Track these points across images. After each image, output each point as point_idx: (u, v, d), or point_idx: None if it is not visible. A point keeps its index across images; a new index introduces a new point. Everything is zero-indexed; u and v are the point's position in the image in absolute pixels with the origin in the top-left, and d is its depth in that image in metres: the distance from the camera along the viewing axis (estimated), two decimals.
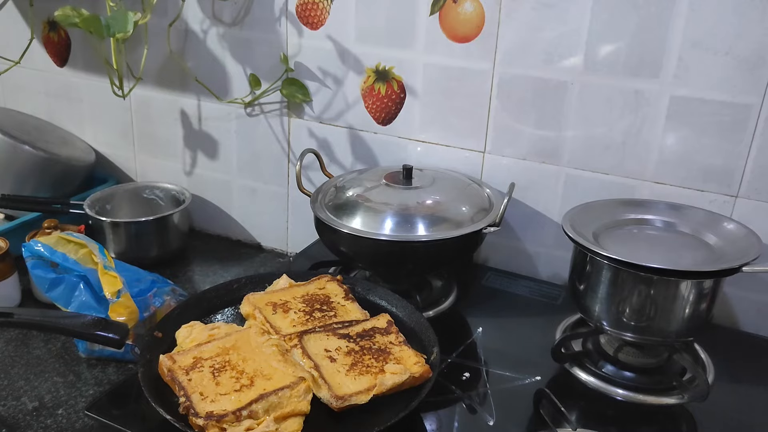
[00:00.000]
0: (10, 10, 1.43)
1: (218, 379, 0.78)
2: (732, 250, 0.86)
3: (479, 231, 0.98)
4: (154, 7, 1.15)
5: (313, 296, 0.95)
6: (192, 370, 0.79)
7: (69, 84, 1.47)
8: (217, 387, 0.76)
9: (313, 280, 0.99)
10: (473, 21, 1.06)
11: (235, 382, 0.77)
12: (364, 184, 1.07)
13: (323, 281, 0.99)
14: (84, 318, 0.84)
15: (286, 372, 0.79)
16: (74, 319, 0.85)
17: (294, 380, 0.77)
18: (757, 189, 0.97)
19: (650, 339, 0.88)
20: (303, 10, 1.17)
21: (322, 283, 0.98)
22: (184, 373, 0.79)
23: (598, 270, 0.87)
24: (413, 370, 0.79)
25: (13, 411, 0.88)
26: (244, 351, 0.82)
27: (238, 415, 0.72)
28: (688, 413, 0.86)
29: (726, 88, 0.94)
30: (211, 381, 0.77)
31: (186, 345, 0.85)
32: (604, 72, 1.00)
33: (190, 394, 0.75)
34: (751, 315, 1.04)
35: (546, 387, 0.88)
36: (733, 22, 0.91)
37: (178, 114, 1.36)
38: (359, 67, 1.17)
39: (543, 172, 1.10)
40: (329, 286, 0.98)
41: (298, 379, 0.77)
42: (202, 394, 0.75)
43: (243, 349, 0.83)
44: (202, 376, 0.78)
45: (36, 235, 1.13)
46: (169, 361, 0.80)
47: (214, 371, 0.79)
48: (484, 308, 1.09)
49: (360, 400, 0.76)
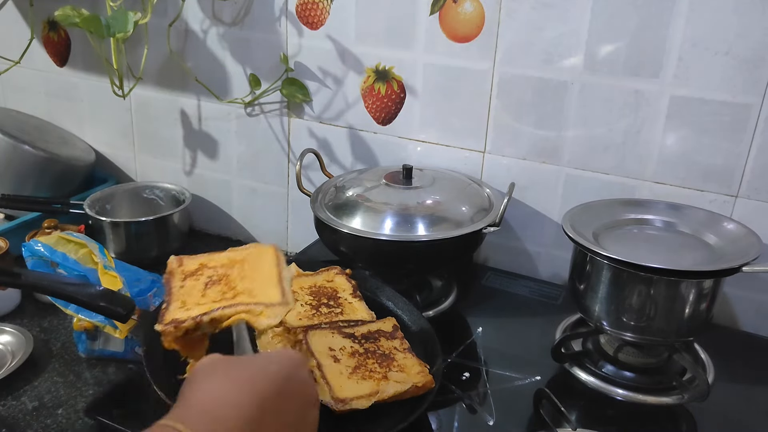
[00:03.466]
0: (10, 9, 1.43)
1: (207, 290, 0.71)
2: (732, 250, 0.86)
3: (479, 231, 0.98)
4: (154, 7, 1.14)
5: (321, 289, 0.94)
6: (190, 276, 0.74)
7: (69, 84, 1.47)
8: (200, 298, 0.70)
9: (321, 271, 0.98)
10: (473, 21, 1.06)
11: (220, 296, 0.69)
12: (364, 184, 1.07)
13: (332, 273, 0.98)
14: (91, 288, 0.81)
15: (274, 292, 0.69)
16: (81, 287, 0.82)
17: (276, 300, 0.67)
18: (757, 189, 0.97)
19: (650, 339, 0.88)
20: (303, 10, 1.17)
21: (331, 275, 0.98)
22: (181, 279, 0.74)
23: (598, 270, 0.87)
24: (416, 380, 0.78)
25: (13, 411, 0.88)
26: (250, 267, 0.74)
27: (199, 320, 0.65)
28: (688, 413, 0.86)
29: (726, 88, 0.94)
30: (199, 291, 0.71)
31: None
32: (604, 72, 1.00)
33: (171, 301, 0.70)
34: (751, 315, 1.04)
35: (546, 387, 0.88)
36: (733, 22, 0.91)
37: (178, 114, 1.36)
38: (359, 67, 1.17)
39: (543, 172, 1.10)
40: (337, 280, 0.97)
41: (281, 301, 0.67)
42: (183, 302, 0.70)
43: (249, 266, 0.75)
44: (194, 285, 0.72)
45: (36, 235, 1.13)
46: (176, 263, 0.76)
47: (208, 282, 0.72)
48: (484, 308, 1.09)
49: (360, 405, 0.75)
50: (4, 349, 0.99)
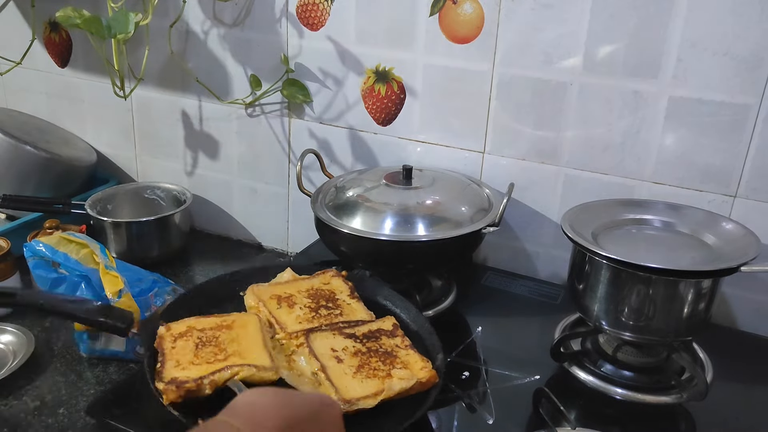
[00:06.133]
0: (11, 10, 1.44)
1: (199, 351, 0.78)
2: (730, 250, 0.86)
3: (479, 231, 0.99)
4: (155, 8, 1.15)
5: (318, 291, 0.95)
6: (180, 338, 0.80)
7: (70, 84, 1.47)
8: (194, 358, 0.77)
9: (317, 274, 0.99)
10: (473, 22, 1.06)
11: (213, 357, 0.77)
12: (364, 185, 1.07)
13: (328, 276, 0.98)
14: (89, 303, 0.83)
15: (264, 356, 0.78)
16: (79, 304, 0.83)
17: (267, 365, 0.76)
18: (755, 189, 0.97)
19: (649, 338, 0.89)
20: (303, 11, 1.18)
21: (327, 278, 0.98)
22: (172, 341, 0.79)
23: (597, 270, 0.88)
24: (420, 375, 0.78)
25: (14, 410, 0.88)
26: (237, 332, 0.83)
27: (200, 382, 0.72)
28: (687, 412, 0.86)
29: (724, 89, 0.94)
30: (191, 351, 0.78)
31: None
32: (603, 72, 1.00)
33: (166, 360, 0.76)
34: (750, 314, 1.04)
35: (545, 386, 0.88)
36: (731, 22, 0.91)
37: (179, 114, 1.37)
38: (359, 67, 1.17)
39: (542, 172, 1.10)
40: (334, 282, 0.97)
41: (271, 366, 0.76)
42: (177, 362, 0.76)
43: (237, 330, 0.83)
44: (185, 345, 0.79)
45: (37, 235, 1.14)
46: (164, 329, 0.81)
47: (199, 344, 0.79)
48: (484, 308, 1.09)
49: (367, 404, 0.75)
50: (5, 349, 1.00)
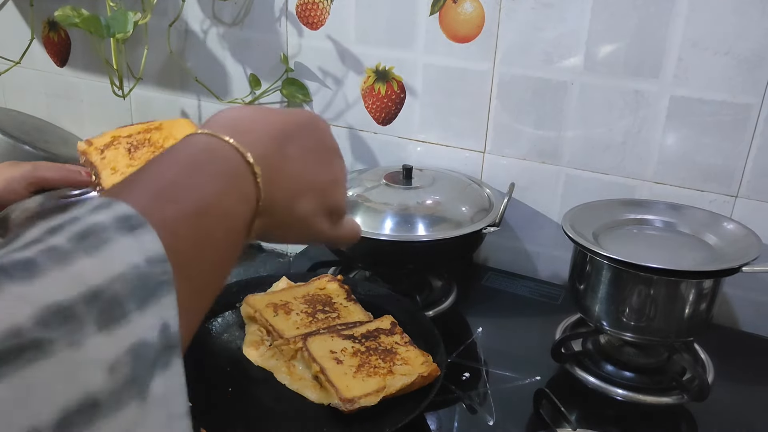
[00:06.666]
0: (10, 10, 1.44)
1: (134, 154, 0.72)
2: (732, 250, 0.86)
3: (479, 231, 0.98)
4: (154, 8, 1.15)
5: (315, 297, 0.95)
6: (107, 149, 0.74)
7: (69, 84, 1.47)
8: (130, 161, 0.72)
9: (313, 281, 0.99)
10: (473, 21, 1.06)
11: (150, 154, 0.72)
12: (364, 184, 1.07)
13: (323, 281, 0.98)
14: None
15: None
16: None
17: None
18: (756, 189, 0.97)
19: (650, 339, 0.88)
20: (303, 10, 1.17)
21: (323, 283, 0.98)
22: (99, 153, 0.74)
23: (598, 270, 0.87)
24: (421, 370, 0.78)
25: None
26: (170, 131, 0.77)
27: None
28: (688, 413, 0.86)
29: (726, 88, 0.94)
30: (125, 157, 0.72)
31: None
32: (604, 72, 1.00)
33: (100, 173, 0.71)
34: (751, 315, 1.04)
35: (546, 387, 0.88)
36: (732, 22, 0.91)
37: (179, 114, 1.36)
38: (359, 67, 1.17)
39: (543, 172, 1.10)
40: (330, 287, 0.97)
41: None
42: (113, 169, 0.71)
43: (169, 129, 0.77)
44: (116, 153, 0.73)
45: None
46: (84, 144, 0.75)
47: (131, 148, 0.74)
48: (484, 308, 1.09)
49: (369, 402, 0.75)
50: None
